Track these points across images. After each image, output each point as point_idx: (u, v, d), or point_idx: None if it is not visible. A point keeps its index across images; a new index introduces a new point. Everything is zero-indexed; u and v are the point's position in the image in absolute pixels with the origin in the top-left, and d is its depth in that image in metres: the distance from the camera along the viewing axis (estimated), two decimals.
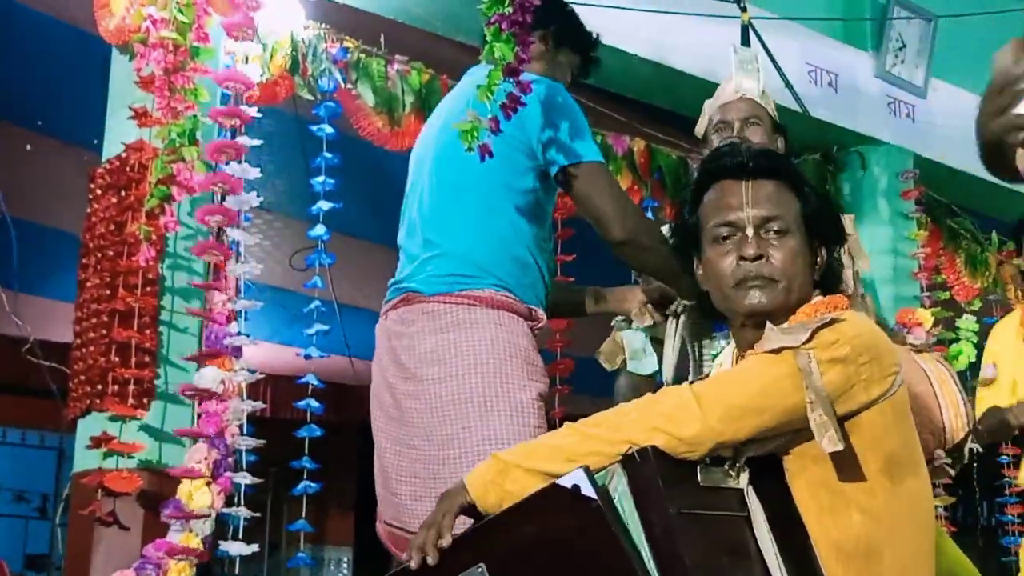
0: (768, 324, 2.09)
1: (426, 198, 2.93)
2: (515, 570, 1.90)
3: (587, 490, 1.84)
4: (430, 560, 1.95)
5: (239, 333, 3.75)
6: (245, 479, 3.65)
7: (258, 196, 3.82)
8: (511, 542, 1.92)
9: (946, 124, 5.85)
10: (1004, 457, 5.84)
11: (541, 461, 1.96)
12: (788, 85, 4.60)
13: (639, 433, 1.94)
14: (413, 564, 1.97)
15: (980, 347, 5.96)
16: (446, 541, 1.96)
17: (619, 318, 3.13)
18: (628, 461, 1.89)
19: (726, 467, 2.00)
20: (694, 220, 2.25)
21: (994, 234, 6.19)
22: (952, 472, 2.75)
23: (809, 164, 5.67)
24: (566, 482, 1.86)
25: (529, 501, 1.92)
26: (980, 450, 5.30)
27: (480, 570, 1.90)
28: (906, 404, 2.15)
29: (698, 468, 1.96)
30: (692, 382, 2.15)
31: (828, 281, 2.24)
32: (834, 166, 5.76)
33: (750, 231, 2.15)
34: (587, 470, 1.86)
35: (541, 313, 2.88)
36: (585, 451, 1.93)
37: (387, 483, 2.81)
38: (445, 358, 2.75)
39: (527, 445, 2.09)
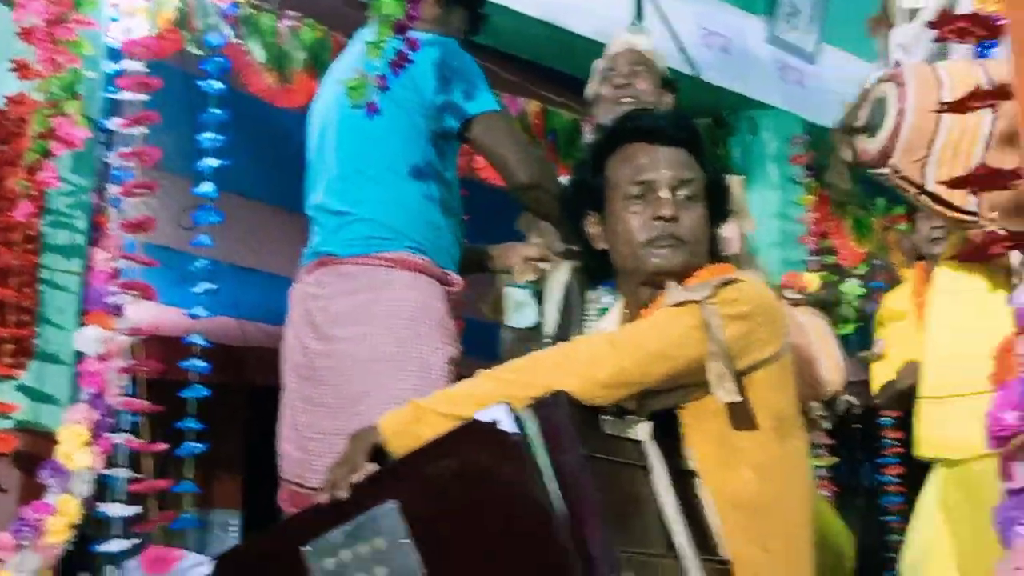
0: (669, 283, 2.16)
1: (335, 163, 2.94)
2: (429, 505, 1.90)
3: (507, 425, 1.85)
4: (341, 494, 1.95)
5: (122, 292, 3.68)
6: (127, 440, 3.59)
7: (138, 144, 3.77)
8: (426, 478, 1.92)
9: (836, 90, 5.89)
10: (886, 419, 5.97)
11: (457, 406, 1.98)
12: (681, 49, 4.63)
13: (555, 377, 1.97)
14: (324, 499, 1.97)
15: (860, 311, 6.10)
16: (358, 477, 1.96)
17: (505, 275, 3.15)
18: (540, 404, 1.91)
19: (629, 418, 2.05)
20: (599, 179, 2.28)
21: (881, 200, 6.30)
22: (825, 425, 2.83)
23: (701, 128, 5.70)
24: (485, 417, 1.87)
25: (447, 437, 1.92)
26: (858, 409, 5.41)
27: (393, 506, 1.89)
28: (792, 365, 2.23)
29: (602, 418, 2.00)
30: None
31: (716, 251, 2.32)
32: (725, 130, 5.81)
33: (665, 192, 2.22)
34: (509, 406, 1.88)
35: (456, 277, 2.91)
36: (500, 396, 1.94)
37: (299, 441, 2.82)
38: (359, 318, 2.77)
39: (443, 392, 2.12)
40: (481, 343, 3.23)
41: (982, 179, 1.81)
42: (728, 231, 2.80)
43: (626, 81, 3.17)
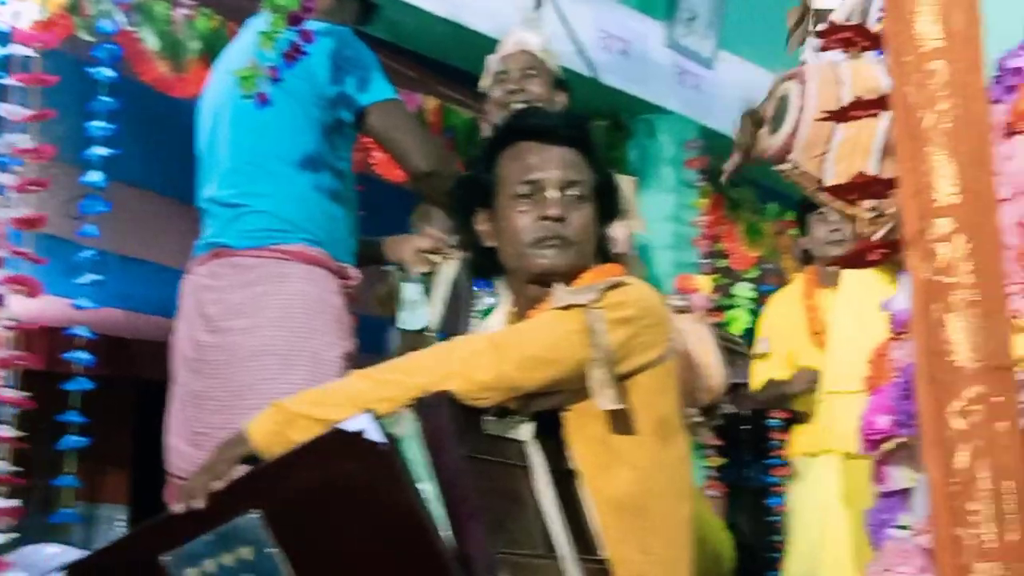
0: (557, 284, 2.16)
1: (228, 155, 2.90)
2: (294, 516, 1.87)
3: (373, 435, 1.83)
4: (198, 504, 1.91)
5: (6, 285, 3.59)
6: (4, 432, 3.51)
7: (31, 139, 3.67)
8: (290, 487, 1.89)
9: (732, 96, 5.98)
10: (773, 421, 6.06)
11: (330, 409, 1.94)
12: (579, 50, 4.65)
13: (434, 378, 1.95)
14: (179, 509, 1.93)
15: (756, 313, 6.18)
16: (218, 486, 1.93)
17: (393, 267, 3.13)
18: (420, 405, 1.90)
19: (511, 419, 2.05)
20: (489, 176, 2.28)
21: (773, 205, 6.40)
22: (704, 431, 2.87)
23: (598, 130, 5.74)
24: (350, 427, 1.85)
25: (310, 446, 1.89)
26: (743, 413, 5.49)
27: (256, 516, 1.87)
28: (675, 369, 2.25)
29: (483, 418, 2.00)
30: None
31: (604, 252, 2.32)
32: (622, 133, 5.85)
33: (553, 192, 2.21)
34: (373, 415, 1.85)
35: (353, 271, 2.89)
36: (377, 397, 1.92)
37: (187, 435, 2.78)
38: (253, 311, 2.74)
39: (313, 393, 2.06)
40: (372, 339, 3.21)
41: (861, 187, 1.85)
42: (616, 231, 2.83)
43: (518, 86, 3.18)
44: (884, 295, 2.62)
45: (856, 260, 1.98)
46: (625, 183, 3.38)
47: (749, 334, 6.10)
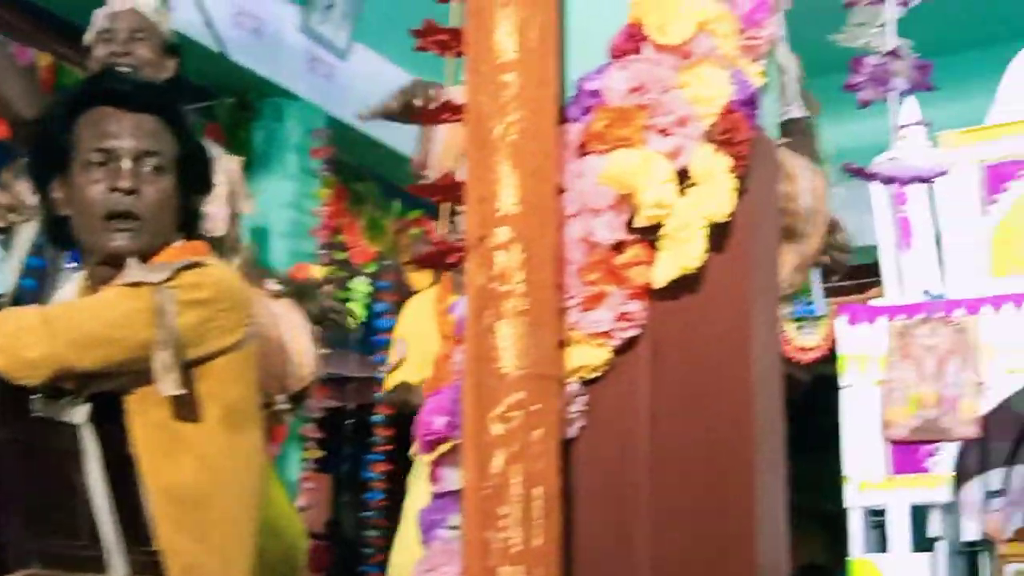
0: (130, 260, 2.05)
1: None
2: None
3: None
4: None
5: None
6: None
7: None
8: None
9: (363, 88, 5.97)
10: (378, 416, 6.11)
11: None
12: (209, 23, 4.52)
13: None
14: None
15: (371, 308, 6.21)
16: None
17: None
18: None
19: (64, 400, 1.94)
20: (64, 141, 2.14)
21: (397, 202, 6.45)
22: (290, 419, 2.84)
23: (224, 108, 5.61)
24: None
25: None
26: (348, 407, 5.50)
27: None
28: (254, 357, 2.20)
29: (32, 398, 1.88)
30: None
31: (192, 227, 2.24)
32: (249, 113, 5.73)
33: (127, 163, 2.10)
34: None
35: None
36: None
37: None
38: None
39: None
40: None
41: (442, 189, 1.87)
42: (215, 209, 2.75)
43: (124, 49, 3.03)
44: None
45: (434, 261, 2.00)
46: (231, 162, 3.31)
47: (363, 328, 6.13)
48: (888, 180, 1.98)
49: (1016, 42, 5.65)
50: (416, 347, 4.23)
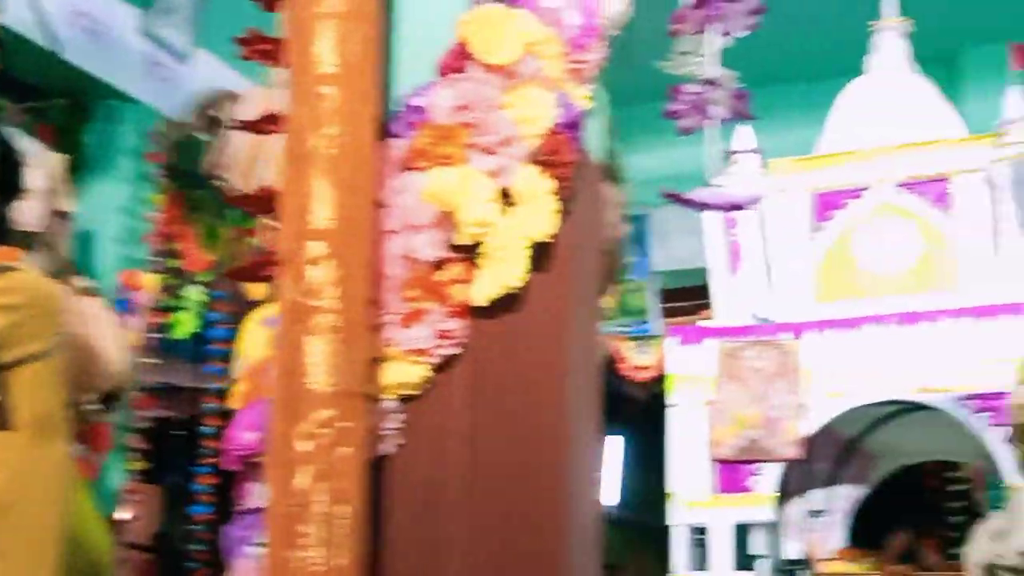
0: None
1: None
2: None
3: None
4: None
5: None
6: None
7: None
8: None
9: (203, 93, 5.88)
10: (207, 428, 5.98)
11: None
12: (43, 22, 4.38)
13: None
14: None
15: (204, 317, 6.08)
16: None
17: None
18: None
19: None
20: None
21: (234, 211, 6.33)
22: (101, 418, 2.77)
23: (58, 108, 5.44)
24: None
25: None
26: (178, 418, 5.37)
27: None
28: (63, 363, 2.13)
29: None
30: None
31: (2, 232, 2.17)
32: (83, 115, 5.57)
33: None
34: None
35: None
36: None
37: None
38: None
39: None
40: None
41: (258, 201, 1.84)
42: (33, 204, 2.67)
43: None
44: None
45: (250, 273, 1.97)
46: (51, 159, 3.21)
47: (195, 338, 6.00)
48: (703, 207, 2.02)
49: (847, 76, 5.85)
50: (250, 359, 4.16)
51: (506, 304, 1.91)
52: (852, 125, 5.52)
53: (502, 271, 1.89)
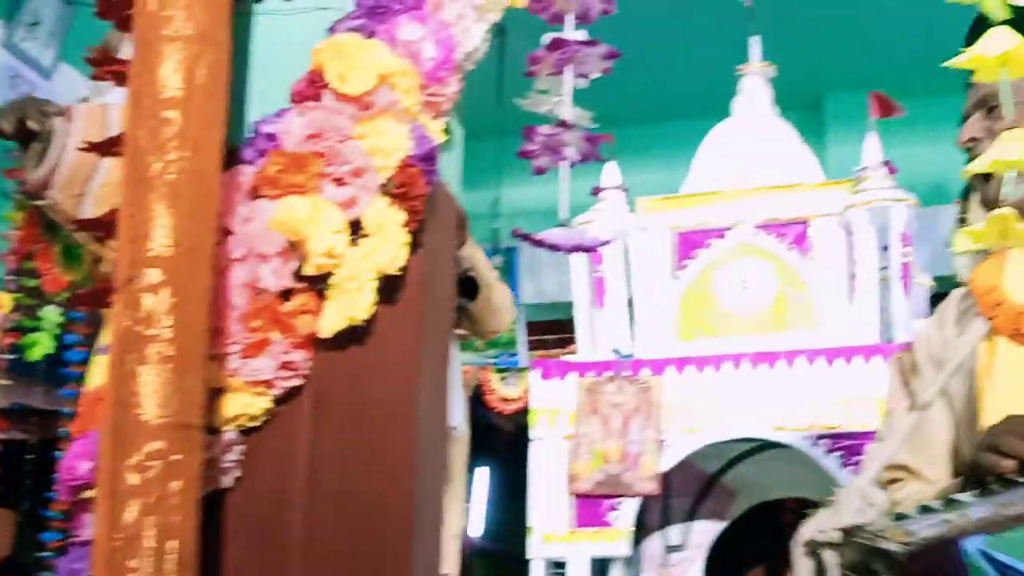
0: None
1: None
2: None
3: None
4: None
5: None
6: None
7: None
8: None
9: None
10: (61, 452, 5.82)
11: None
12: None
13: None
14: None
15: (60, 339, 5.92)
16: None
17: None
18: None
19: None
20: None
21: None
22: None
23: None
24: None
25: None
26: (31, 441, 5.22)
27: None
28: None
29: None
30: None
31: None
32: None
33: None
34: None
35: None
36: None
37: None
38: None
39: None
40: None
41: (108, 225, 1.79)
42: None
43: None
44: None
45: (92, 299, 1.91)
46: None
47: (51, 360, 5.84)
48: (553, 248, 2.03)
49: (715, 117, 5.96)
50: None
51: (353, 336, 1.89)
52: (716, 166, 5.62)
53: (349, 303, 1.87)
